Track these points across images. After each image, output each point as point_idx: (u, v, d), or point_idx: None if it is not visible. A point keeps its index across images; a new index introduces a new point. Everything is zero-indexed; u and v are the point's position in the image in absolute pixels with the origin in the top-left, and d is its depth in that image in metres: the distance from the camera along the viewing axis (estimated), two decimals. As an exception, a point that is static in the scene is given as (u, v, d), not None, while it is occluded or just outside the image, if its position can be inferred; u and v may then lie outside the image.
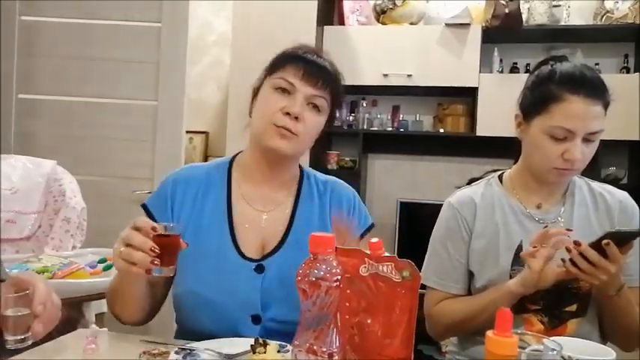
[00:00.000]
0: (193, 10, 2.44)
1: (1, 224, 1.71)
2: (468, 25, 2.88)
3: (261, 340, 0.90)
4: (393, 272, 0.72)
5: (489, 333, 0.63)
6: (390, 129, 3.17)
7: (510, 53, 3.06)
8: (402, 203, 3.04)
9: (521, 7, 2.81)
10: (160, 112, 2.39)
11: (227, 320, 1.05)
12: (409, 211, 3.02)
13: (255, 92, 1.16)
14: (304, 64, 1.09)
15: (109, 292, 1.11)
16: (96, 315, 1.69)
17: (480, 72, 2.89)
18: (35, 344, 0.93)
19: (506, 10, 2.75)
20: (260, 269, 1.08)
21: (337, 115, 1.25)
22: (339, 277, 0.67)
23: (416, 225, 2.93)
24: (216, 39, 3.60)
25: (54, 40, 2.47)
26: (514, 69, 3.03)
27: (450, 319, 1.25)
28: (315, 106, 1.10)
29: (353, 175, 3.05)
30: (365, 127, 3.18)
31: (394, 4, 2.99)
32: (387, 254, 0.74)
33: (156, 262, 0.89)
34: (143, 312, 1.09)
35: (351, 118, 3.21)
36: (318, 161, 2.99)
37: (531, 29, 2.89)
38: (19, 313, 0.87)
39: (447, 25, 2.90)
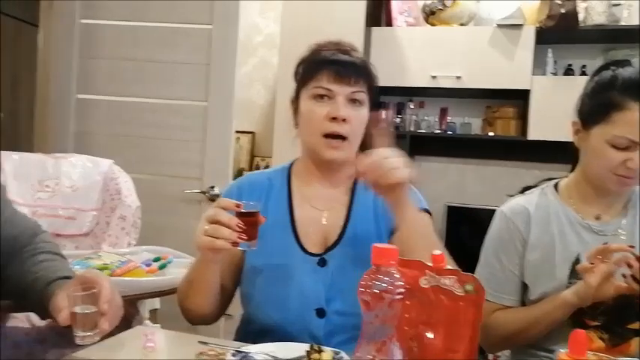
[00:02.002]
0: (241, 11, 2.47)
1: (61, 221, 1.78)
2: (520, 25, 2.80)
3: (316, 347, 0.91)
4: (456, 286, 0.71)
5: (562, 355, 0.61)
6: (438, 131, 3.12)
7: (565, 54, 2.95)
8: (449, 207, 2.99)
9: (577, 7, 2.71)
10: (210, 112, 2.43)
11: (293, 314, 1.10)
12: (457, 215, 2.97)
13: (294, 104, 1.21)
14: (335, 66, 1.14)
15: (182, 286, 1.16)
16: (149, 311, 1.74)
17: (532, 74, 2.81)
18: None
19: (562, 10, 2.65)
20: (322, 262, 1.13)
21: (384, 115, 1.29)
22: (402, 290, 0.67)
23: (464, 230, 2.89)
24: (263, 40, 3.64)
25: (110, 42, 2.54)
26: (569, 71, 2.93)
27: (503, 331, 1.22)
28: (356, 101, 1.14)
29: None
30: (412, 129, 3.14)
31: (444, 4, 2.94)
32: (449, 267, 0.73)
33: (242, 237, 0.95)
34: (212, 306, 1.14)
35: (397, 119, 3.19)
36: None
37: (588, 29, 2.77)
38: (87, 311, 0.90)
39: (499, 25, 2.83)
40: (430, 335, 0.74)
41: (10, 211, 1.07)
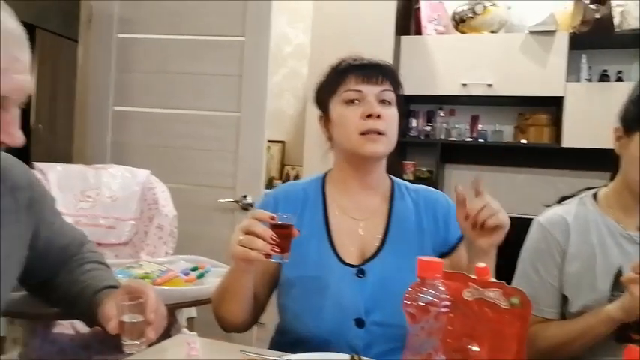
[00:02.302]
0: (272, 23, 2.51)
1: (102, 230, 1.83)
2: (553, 32, 2.77)
3: (357, 357, 0.91)
4: (501, 298, 0.71)
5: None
6: (469, 139, 3.10)
7: (600, 60, 2.91)
8: (481, 216, 2.96)
9: (613, 11, 2.67)
10: (243, 123, 2.47)
11: (331, 324, 1.10)
12: (489, 224, 2.93)
13: (322, 120, 1.24)
14: (360, 69, 1.17)
15: (216, 294, 1.18)
16: (187, 319, 1.77)
17: (566, 80, 2.77)
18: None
19: (597, 15, 2.62)
20: (361, 273, 1.13)
21: (413, 124, 1.30)
22: (448, 303, 0.67)
23: (496, 239, 2.85)
24: (292, 50, 3.69)
25: (146, 56, 2.61)
26: (604, 77, 2.88)
27: (544, 344, 1.20)
28: (386, 101, 1.16)
29: (429, 186, 3.00)
30: (442, 137, 3.13)
31: (474, 12, 2.93)
32: (494, 280, 0.73)
33: (275, 249, 0.97)
34: (245, 314, 1.15)
35: (428, 128, 3.18)
36: (393, 171, 2.95)
37: (624, 34, 2.73)
38: (134, 320, 0.93)
39: (531, 32, 2.81)
40: (475, 348, 0.73)
41: (60, 221, 1.11)
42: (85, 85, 2.72)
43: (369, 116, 1.12)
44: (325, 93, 1.22)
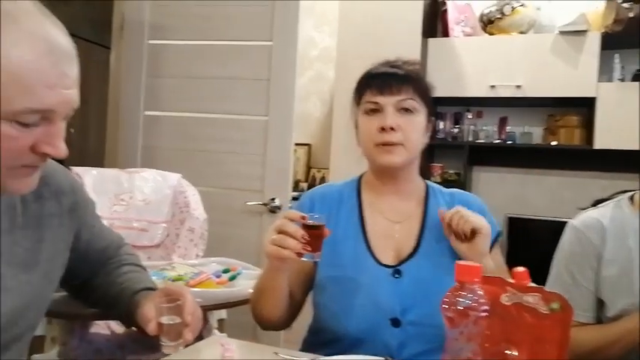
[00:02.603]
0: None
1: (135, 233, 1.87)
2: (585, 31, 2.72)
3: (389, 359, 0.92)
4: (540, 303, 0.71)
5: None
6: (497, 141, 3.07)
7: (633, 59, 2.83)
8: (510, 219, 2.92)
9: (646, 10, 2.61)
10: (270, 126, 2.49)
11: (367, 324, 1.11)
12: (518, 227, 2.89)
13: (356, 124, 1.25)
14: (378, 79, 1.18)
15: (254, 294, 1.21)
16: (217, 321, 1.80)
17: (598, 81, 2.72)
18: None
19: (631, 14, 2.56)
20: (398, 273, 1.15)
21: (441, 125, 1.32)
22: (487, 307, 0.67)
23: (526, 242, 2.81)
24: (318, 54, 3.71)
25: (175, 61, 2.65)
26: (637, 76, 2.81)
27: (581, 349, 1.18)
28: (407, 109, 1.17)
29: (457, 189, 2.98)
30: (470, 139, 3.10)
31: (502, 13, 2.89)
32: (533, 284, 0.72)
33: (306, 248, 0.99)
34: (282, 312, 1.18)
35: (455, 130, 3.15)
36: (420, 174, 2.96)
37: (659, 33, 2.67)
38: (172, 322, 0.95)
39: (561, 32, 2.76)
40: (513, 353, 0.73)
41: (100, 224, 1.14)
42: (116, 90, 2.79)
43: (384, 129, 1.14)
44: (354, 100, 1.25)
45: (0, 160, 0.74)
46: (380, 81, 1.17)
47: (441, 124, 3.16)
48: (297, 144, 3.54)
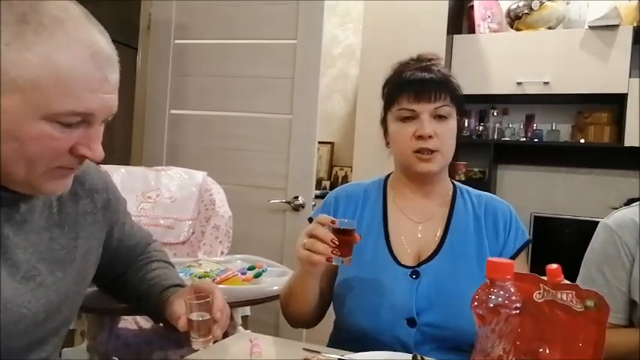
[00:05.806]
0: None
1: (161, 230, 1.90)
2: (616, 26, 2.65)
3: (419, 357, 0.91)
4: (574, 301, 0.69)
5: None
6: (524, 139, 3.02)
7: (667, 55, 2.76)
8: (536, 217, 2.87)
9: (681, 4, 2.54)
10: (294, 125, 2.49)
11: (384, 323, 1.11)
12: (545, 226, 2.84)
13: (383, 125, 1.24)
14: (414, 86, 1.15)
15: (283, 293, 1.23)
16: (241, 317, 1.81)
17: (630, 77, 2.65)
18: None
19: (664, 8, 2.49)
20: (415, 275, 1.13)
21: (466, 123, 1.30)
22: (519, 305, 0.66)
23: (552, 241, 2.76)
24: (342, 52, 3.70)
25: (201, 60, 2.68)
26: (671, 72, 2.74)
27: (611, 351, 1.15)
28: (441, 116, 1.15)
29: (482, 187, 2.89)
30: (495, 137, 3.06)
31: (530, 8, 2.84)
32: (567, 282, 0.71)
33: (335, 252, 0.99)
34: (312, 312, 1.19)
35: (480, 127, 3.11)
36: (445, 172, 2.93)
37: (693, 27, 2.59)
38: (201, 318, 0.97)
39: (591, 27, 2.70)
40: (546, 351, 0.72)
41: (130, 222, 1.16)
42: (142, 89, 2.83)
43: (421, 137, 1.13)
44: (385, 104, 1.23)
45: (38, 159, 0.76)
46: (416, 87, 1.15)
47: (466, 122, 3.13)
48: (320, 142, 3.55)
